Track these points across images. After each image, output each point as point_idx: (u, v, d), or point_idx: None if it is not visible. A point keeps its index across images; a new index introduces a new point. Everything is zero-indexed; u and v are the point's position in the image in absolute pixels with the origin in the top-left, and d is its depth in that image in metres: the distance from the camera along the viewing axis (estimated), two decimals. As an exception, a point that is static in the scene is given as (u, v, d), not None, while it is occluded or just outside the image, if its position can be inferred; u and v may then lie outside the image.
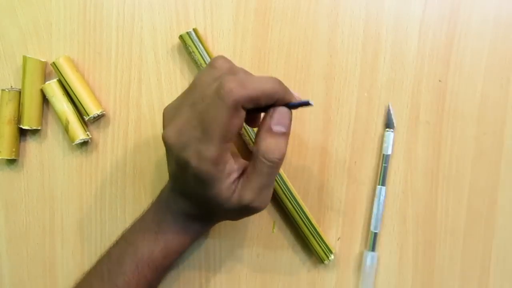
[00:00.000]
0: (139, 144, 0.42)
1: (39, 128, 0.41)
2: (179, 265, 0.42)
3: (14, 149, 0.41)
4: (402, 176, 0.41)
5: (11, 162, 0.42)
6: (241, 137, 0.40)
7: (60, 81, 0.40)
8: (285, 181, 0.40)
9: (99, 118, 0.41)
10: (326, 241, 0.40)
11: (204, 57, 0.39)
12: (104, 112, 0.41)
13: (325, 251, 0.40)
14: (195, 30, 0.39)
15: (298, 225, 0.40)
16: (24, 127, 0.40)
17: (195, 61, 0.39)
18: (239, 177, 0.31)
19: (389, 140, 0.40)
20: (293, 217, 0.40)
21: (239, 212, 0.33)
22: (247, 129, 0.40)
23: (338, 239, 0.41)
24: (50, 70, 0.41)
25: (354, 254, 0.41)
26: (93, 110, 0.40)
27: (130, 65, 0.41)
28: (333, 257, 0.40)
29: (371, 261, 0.40)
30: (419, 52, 0.40)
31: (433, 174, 0.41)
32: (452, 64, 0.40)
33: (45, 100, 0.41)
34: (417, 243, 0.41)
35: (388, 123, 0.40)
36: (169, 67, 0.41)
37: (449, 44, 0.40)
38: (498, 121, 0.40)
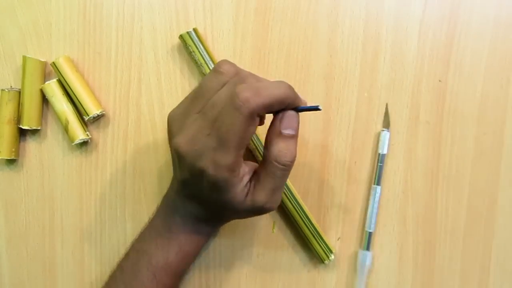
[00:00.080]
0: (139, 144, 0.42)
1: (38, 128, 0.41)
2: (179, 265, 0.42)
3: (13, 149, 0.41)
4: (402, 176, 0.41)
5: (11, 162, 0.42)
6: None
7: (59, 81, 0.40)
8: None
9: (99, 118, 0.41)
10: (326, 241, 0.40)
11: (204, 57, 0.39)
12: (104, 112, 0.41)
13: (325, 251, 0.40)
14: (195, 30, 0.39)
15: (298, 225, 0.40)
16: (23, 127, 0.40)
17: (195, 61, 0.39)
18: (250, 179, 0.32)
19: (385, 140, 0.40)
20: (293, 217, 0.40)
21: (250, 212, 0.33)
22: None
23: (338, 239, 0.41)
24: (50, 70, 0.41)
25: (354, 254, 0.41)
26: (93, 110, 0.40)
27: (130, 65, 0.41)
28: (333, 257, 0.40)
29: (364, 260, 0.40)
30: (419, 52, 0.40)
31: (433, 174, 0.41)
32: (452, 64, 0.40)
33: (44, 100, 0.41)
34: (417, 243, 0.41)
35: (384, 122, 0.40)
36: (169, 67, 0.41)
37: (449, 44, 0.40)
38: (498, 121, 0.40)
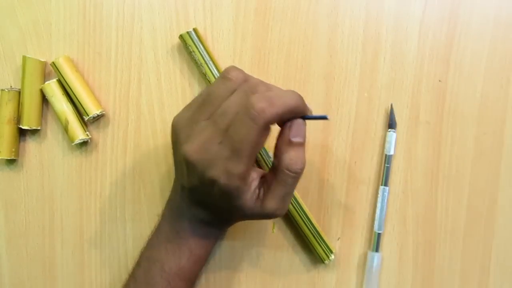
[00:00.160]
0: (139, 144, 0.41)
1: (38, 128, 0.41)
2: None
3: (13, 149, 0.41)
4: (402, 176, 0.41)
5: (11, 162, 0.42)
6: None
7: (59, 81, 0.40)
8: (285, 181, 0.40)
9: (98, 118, 0.41)
10: (326, 241, 0.40)
11: (204, 57, 0.39)
12: (104, 112, 0.41)
13: (325, 251, 0.40)
14: (195, 30, 0.39)
15: (298, 225, 0.40)
16: (23, 127, 0.40)
17: (195, 61, 0.39)
18: (259, 185, 0.32)
19: (392, 141, 0.40)
20: (293, 217, 0.40)
21: (259, 217, 0.33)
22: None
23: (338, 239, 0.41)
24: (50, 70, 0.41)
25: (354, 254, 0.41)
26: (92, 110, 0.40)
27: (130, 65, 0.41)
28: (333, 257, 0.40)
29: (375, 261, 0.40)
30: (419, 52, 0.40)
31: (433, 174, 0.41)
32: (452, 64, 0.40)
33: (44, 100, 0.41)
34: (417, 243, 0.41)
35: (391, 123, 0.40)
36: (169, 67, 0.41)
37: (449, 44, 0.40)
38: (498, 121, 0.40)
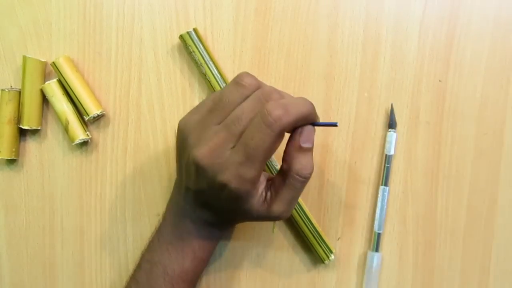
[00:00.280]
0: (139, 144, 0.42)
1: (39, 128, 0.41)
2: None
3: (14, 149, 0.41)
4: (402, 176, 0.41)
5: (11, 162, 0.42)
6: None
7: (60, 81, 0.40)
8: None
9: (99, 118, 0.41)
10: (326, 241, 0.40)
11: (204, 57, 0.39)
12: (104, 112, 0.41)
13: (325, 251, 0.40)
14: (195, 30, 0.39)
15: (298, 225, 0.40)
16: (24, 127, 0.40)
17: (195, 61, 0.39)
18: (265, 188, 0.33)
19: (392, 141, 0.40)
20: (293, 217, 0.40)
21: (264, 219, 0.33)
22: None
23: (338, 239, 0.41)
24: (50, 70, 0.41)
25: (354, 254, 0.41)
26: (93, 110, 0.40)
27: (130, 65, 0.41)
28: (333, 257, 0.40)
29: (375, 261, 0.40)
30: (419, 52, 0.40)
31: (433, 174, 0.41)
32: (452, 64, 0.40)
33: (45, 100, 0.41)
34: (417, 243, 0.41)
35: (391, 123, 0.40)
36: (169, 67, 0.41)
37: (449, 44, 0.40)
38: (498, 121, 0.40)
